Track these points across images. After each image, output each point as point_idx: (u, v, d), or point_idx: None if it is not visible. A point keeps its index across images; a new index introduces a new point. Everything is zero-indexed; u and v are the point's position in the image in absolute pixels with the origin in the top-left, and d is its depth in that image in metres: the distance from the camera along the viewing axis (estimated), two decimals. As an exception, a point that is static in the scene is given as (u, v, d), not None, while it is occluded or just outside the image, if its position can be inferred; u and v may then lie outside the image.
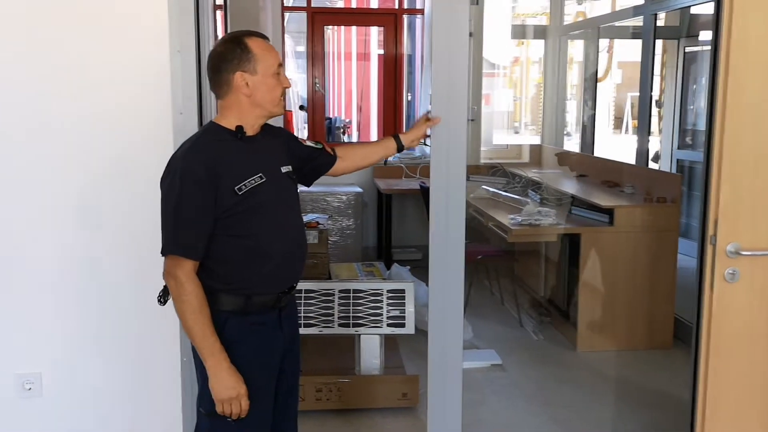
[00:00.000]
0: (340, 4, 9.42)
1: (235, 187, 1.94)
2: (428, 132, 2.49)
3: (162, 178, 1.99)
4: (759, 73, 2.26)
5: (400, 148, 2.46)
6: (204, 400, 2.05)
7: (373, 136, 8.10)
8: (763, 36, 2.23)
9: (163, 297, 2.05)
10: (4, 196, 2.53)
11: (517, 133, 12.11)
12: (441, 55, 2.49)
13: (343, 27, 8.05)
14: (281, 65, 2.07)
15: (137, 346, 2.64)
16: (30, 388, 2.59)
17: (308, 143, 2.32)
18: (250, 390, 2.01)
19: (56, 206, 2.55)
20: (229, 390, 1.95)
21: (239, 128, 2.01)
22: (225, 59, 1.99)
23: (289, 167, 2.17)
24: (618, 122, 14.32)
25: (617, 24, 6.52)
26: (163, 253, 1.95)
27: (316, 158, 2.33)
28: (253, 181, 1.98)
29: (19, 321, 2.58)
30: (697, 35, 6.31)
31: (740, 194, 2.32)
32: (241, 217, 1.97)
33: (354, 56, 8.87)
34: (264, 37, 2.09)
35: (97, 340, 2.63)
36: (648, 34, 5.11)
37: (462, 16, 2.49)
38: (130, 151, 2.52)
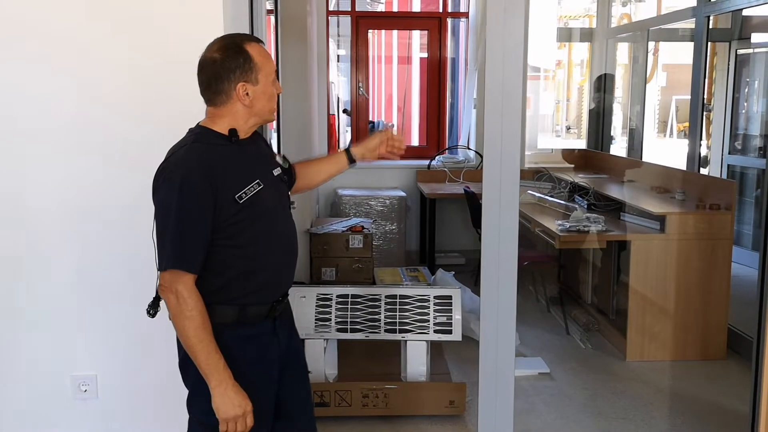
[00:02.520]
0: (381, 8, 9.43)
1: (236, 196, 1.86)
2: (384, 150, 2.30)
3: (155, 189, 1.88)
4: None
5: (352, 161, 2.32)
6: (197, 409, 1.97)
7: (415, 139, 8.08)
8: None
9: (153, 309, 1.97)
10: (57, 196, 2.58)
11: (558, 136, 12.00)
12: (495, 61, 2.46)
13: (383, 31, 8.06)
14: (277, 71, 1.99)
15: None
16: (86, 390, 2.64)
17: (279, 159, 2.17)
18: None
19: (110, 207, 2.59)
20: (236, 408, 1.86)
21: (232, 131, 1.92)
22: (226, 68, 1.89)
23: (279, 169, 2.09)
24: (662, 126, 14.08)
25: (666, 26, 6.40)
26: (163, 267, 1.85)
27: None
28: (252, 189, 1.89)
29: (75, 324, 2.63)
30: (749, 37, 6.16)
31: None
32: (241, 226, 1.89)
33: (395, 60, 8.88)
34: (259, 41, 2.01)
35: (151, 342, 2.64)
36: (701, 37, 4.99)
37: (517, 21, 2.46)
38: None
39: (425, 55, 7.06)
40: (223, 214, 1.86)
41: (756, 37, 6.18)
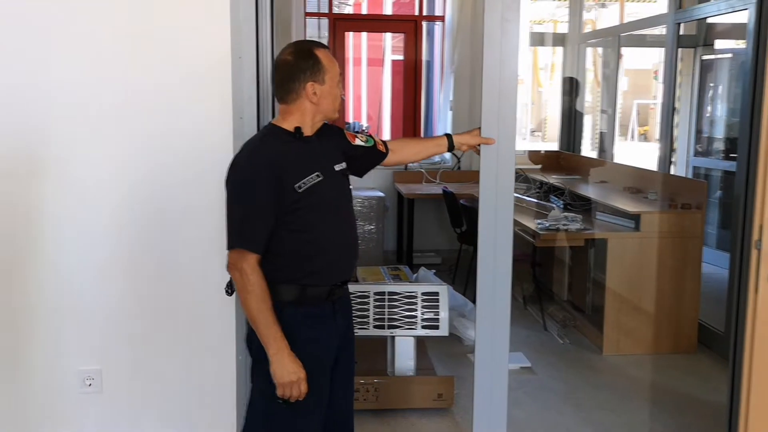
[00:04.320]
0: (348, 10, 9.50)
1: (295, 185, 2.06)
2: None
3: (227, 178, 2.09)
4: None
5: (450, 148, 2.55)
6: (259, 379, 2.16)
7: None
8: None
9: (230, 288, 2.17)
10: (68, 196, 2.60)
11: (524, 139, 12.23)
12: (492, 68, 2.55)
13: (352, 33, 8.13)
14: (341, 74, 2.18)
15: (194, 344, 2.70)
16: (90, 384, 2.66)
17: (358, 141, 2.39)
18: None
19: (119, 206, 2.62)
20: (291, 374, 2.05)
21: (298, 129, 2.12)
22: (298, 69, 2.10)
23: (343, 164, 2.27)
24: (624, 129, 14.44)
25: (635, 33, 6.60)
26: (230, 247, 2.07)
27: (367, 155, 2.42)
28: (311, 179, 2.09)
29: (80, 319, 2.65)
30: (713, 44, 6.39)
31: (786, 200, 2.38)
32: (300, 214, 2.08)
33: (364, 62, 8.93)
34: (326, 46, 2.20)
35: (155, 338, 2.69)
36: (672, 44, 5.18)
37: (513, 26, 2.56)
38: (192, 153, 2.58)
39: (398, 57, 7.15)
40: (284, 202, 2.06)
41: (719, 44, 6.42)
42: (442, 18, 6.90)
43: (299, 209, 2.08)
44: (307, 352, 2.11)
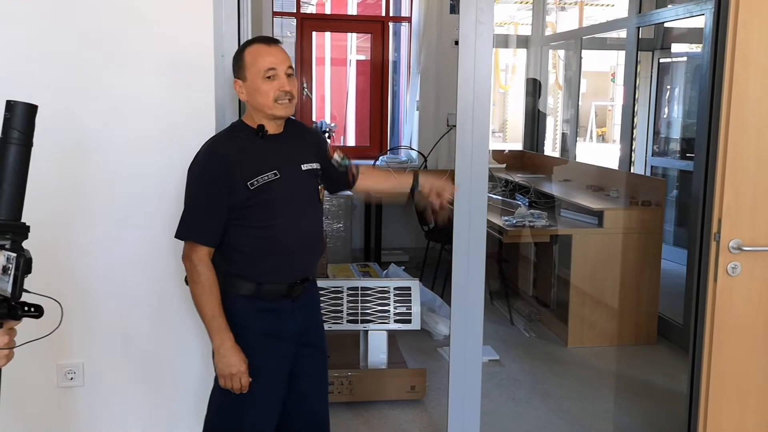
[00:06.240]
0: (311, 10, 9.53)
1: (248, 183, 2.07)
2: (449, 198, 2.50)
3: (188, 169, 2.15)
4: (759, 84, 2.46)
5: (414, 187, 2.43)
6: (214, 363, 2.18)
7: (350, 140, 8.22)
8: (762, 49, 2.44)
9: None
10: (50, 192, 2.58)
11: (486, 139, 12.42)
12: (466, 68, 2.65)
13: (315, 33, 8.18)
14: (272, 68, 2.09)
15: (177, 336, 2.72)
16: (72, 378, 2.66)
17: (336, 157, 2.36)
18: (255, 370, 2.13)
19: (100, 202, 2.63)
20: (231, 367, 2.09)
21: (260, 127, 2.14)
22: (232, 67, 2.18)
23: (314, 165, 2.25)
24: (582, 130, 14.76)
25: (596, 36, 6.79)
26: (179, 236, 2.13)
27: (337, 177, 2.39)
28: (266, 177, 2.08)
29: (62, 311, 2.64)
30: (670, 47, 6.63)
31: (742, 196, 2.50)
32: (253, 210, 2.10)
33: (327, 61, 8.99)
34: (271, 41, 2.17)
35: (138, 331, 2.70)
36: (632, 47, 5.36)
37: (487, 28, 2.67)
38: (174, 150, 2.60)
39: (362, 57, 7.21)
40: (237, 198, 2.08)
41: (676, 47, 6.65)
42: (408, 19, 7.00)
43: (252, 206, 2.09)
44: (259, 345, 2.15)
